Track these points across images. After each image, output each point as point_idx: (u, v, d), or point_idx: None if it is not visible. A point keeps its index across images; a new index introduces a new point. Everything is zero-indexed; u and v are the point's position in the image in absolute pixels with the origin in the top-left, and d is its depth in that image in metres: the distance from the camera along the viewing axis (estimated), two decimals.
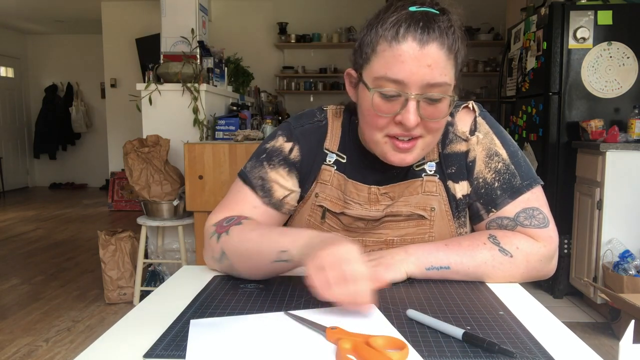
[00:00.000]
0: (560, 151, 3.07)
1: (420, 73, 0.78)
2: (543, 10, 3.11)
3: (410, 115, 0.79)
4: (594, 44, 2.97)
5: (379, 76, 0.80)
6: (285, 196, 0.95)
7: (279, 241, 0.78)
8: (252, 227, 0.86)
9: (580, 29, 2.95)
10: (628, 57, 2.96)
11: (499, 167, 0.91)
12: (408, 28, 0.78)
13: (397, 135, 0.83)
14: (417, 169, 0.94)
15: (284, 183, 0.94)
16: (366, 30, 0.84)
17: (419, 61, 0.77)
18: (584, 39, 2.96)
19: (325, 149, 0.97)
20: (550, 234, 0.88)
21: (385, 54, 0.80)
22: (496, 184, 0.91)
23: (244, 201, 0.94)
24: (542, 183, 0.92)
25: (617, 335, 2.49)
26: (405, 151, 0.84)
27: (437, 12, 0.80)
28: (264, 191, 0.94)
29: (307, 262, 0.70)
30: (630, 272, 2.52)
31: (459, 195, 0.93)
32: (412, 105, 0.79)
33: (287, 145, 0.96)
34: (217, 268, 0.90)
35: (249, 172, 0.96)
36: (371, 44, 0.82)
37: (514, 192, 0.89)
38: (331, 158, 0.96)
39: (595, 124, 2.85)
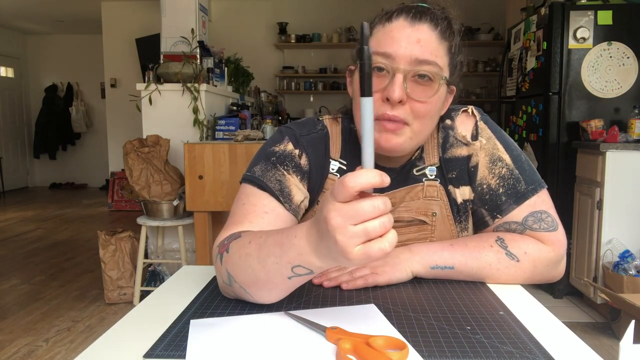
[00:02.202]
0: (560, 151, 3.07)
1: (408, 48, 0.80)
2: (543, 10, 3.11)
3: (396, 88, 0.79)
4: (594, 44, 2.97)
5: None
6: (302, 201, 0.90)
7: (282, 256, 0.64)
8: (249, 238, 0.72)
9: (580, 29, 2.95)
10: (628, 57, 2.96)
11: (502, 172, 0.90)
12: (401, 11, 0.83)
13: (383, 118, 0.82)
14: (417, 174, 0.93)
15: (301, 187, 0.90)
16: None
17: (408, 37, 0.80)
18: (584, 39, 2.96)
19: (330, 158, 0.95)
20: (559, 237, 0.87)
21: (378, 33, 0.84)
22: (501, 190, 0.90)
23: (258, 209, 0.85)
24: (547, 186, 0.91)
25: (617, 335, 2.49)
26: (392, 132, 0.82)
27: (433, 8, 0.85)
28: (283, 195, 0.86)
29: (329, 254, 0.58)
30: (630, 272, 2.52)
31: (459, 200, 0.93)
32: (398, 78, 0.79)
33: (296, 152, 0.92)
34: (231, 295, 0.77)
35: (262, 176, 0.88)
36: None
37: (519, 197, 0.88)
38: (334, 166, 0.94)
39: (595, 124, 2.85)
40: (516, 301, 0.78)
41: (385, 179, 0.54)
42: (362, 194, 0.55)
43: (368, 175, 0.53)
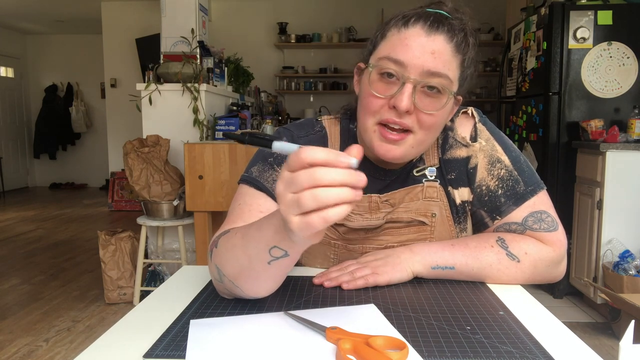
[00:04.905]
0: (560, 151, 3.07)
1: (422, 58, 0.78)
2: (543, 10, 3.11)
3: (404, 98, 0.78)
4: (594, 44, 2.97)
5: (382, 56, 0.82)
6: None
7: (261, 238, 0.65)
8: (236, 230, 0.73)
9: (580, 29, 2.95)
10: (628, 57, 2.96)
11: (501, 174, 0.90)
12: (419, 18, 0.81)
13: (388, 122, 0.81)
14: (417, 175, 0.93)
15: None
16: (380, 25, 0.86)
17: (423, 47, 0.79)
18: (584, 39, 2.96)
19: None
20: (559, 237, 0.87)
21: (392, 37, 0.82)
22: (500, 192, 0.90)
23: (254, 209, 0.85)
24: (546, 187, 0.91)
25: (617, 335, 2.49)
26: (393, 142, 0.82)
27: (452, 17, 0.82)
28: None
29: (298, 237, 0.56)
30: (630, 272, 2.52)
31: (458, 201, 0.93)
32: (407, 88, 0.78)
33: None
34: (226, 293, 0.77)
35: (259, 177, 0.88)
36: (381, 31, 0.85)
37: (518, 198, 0.88)
38: None
39: (595, 124, 2.85)
40: (516, 301, 0.78)
41: (345, 160, 0.51)
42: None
43: (327, 152, 0.51)
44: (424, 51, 0.78)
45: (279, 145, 0.56)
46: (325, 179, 0.50)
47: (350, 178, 0.51)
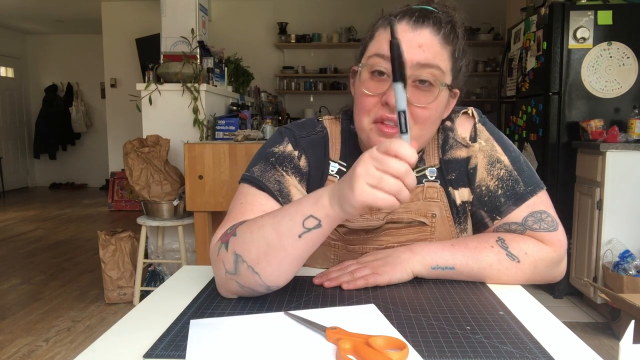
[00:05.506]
0: (560, 151, 3.07)
1: (410, 52, 0.79)
2: (543, 10, 3.11)
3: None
4: (594, 44, 2.97)
5: (371, 54, 0.83)
6: None
7: (298, 210, 0.70)
8: (260, 215, 0.77)
9: (580, 29, 2.95)
10: (628, 57, 2.96)
11: (501, 174, 0.90)
12: (404, 15, 0.82)
13: (382, 119, 0.81)
14: (417, 175, 0.93)
15: (300, 189, 0.90)
16: (369, 28, 0.88)
17: (410, 41, 0.80)
18: (584, 39, 2.96)
19: (330, 159, 0.94)
20: (559, 237, 0.87)
21: (380, 36, 0.84)
22: (499, 192, 0.90)
23: (256, 208, 0.84)
24: (545, 187, 0.90)
25: (617, 335, 2.49)
26: (390, 136, 0.82)
27: (437, 11, 0.83)
28: (282, 196, 0.87)
29: (346, 200, 0.65)
30: (630, 272, 2.52)
31: (458, 201, 0.93)
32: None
33: (296, 154, 0.92)
34: (233, 289, 0.76)
35: (260, 176, 0.88)
36: (370, 33, 0.87)
37: (518, 199, 0.88)
38: (334, 167, 0.94)
39: (595, 124, 2.85)
40: (516, 301, 0.78)
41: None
42: None
43: (413, 154, 0.63)
44: (412, 45, 0.79)
45: (398, 88, 0.66)
46: (408, 180, 0.63)
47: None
